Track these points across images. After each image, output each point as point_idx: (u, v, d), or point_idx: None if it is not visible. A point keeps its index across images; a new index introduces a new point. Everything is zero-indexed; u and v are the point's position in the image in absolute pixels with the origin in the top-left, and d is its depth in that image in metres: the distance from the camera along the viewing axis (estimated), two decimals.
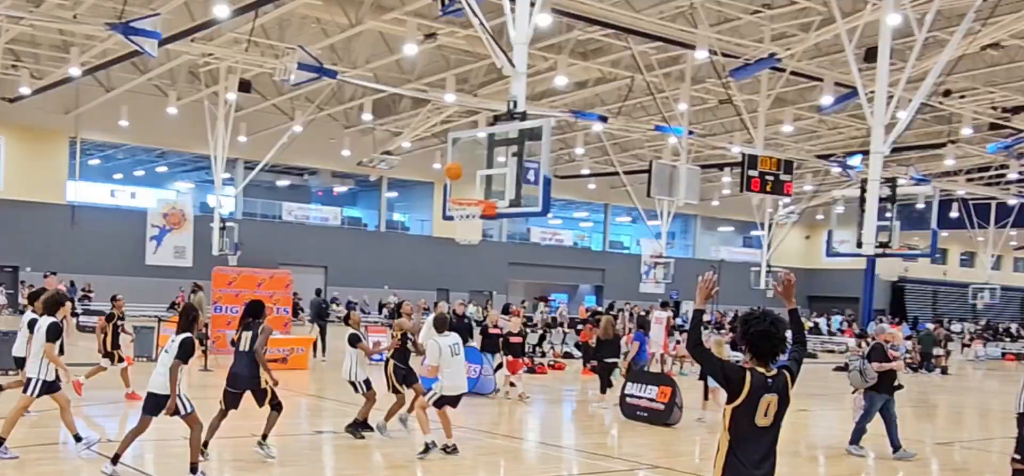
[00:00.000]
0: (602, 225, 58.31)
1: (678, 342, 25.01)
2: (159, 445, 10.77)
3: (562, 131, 41.18)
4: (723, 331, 25.22)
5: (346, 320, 13.49)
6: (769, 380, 5.18)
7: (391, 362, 12.54)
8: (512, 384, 17.55)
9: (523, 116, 11.61)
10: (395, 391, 12.48)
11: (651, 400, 14.95)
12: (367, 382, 12.59)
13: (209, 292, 25.20)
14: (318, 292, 26.59)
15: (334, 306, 44.37)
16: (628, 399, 15.41)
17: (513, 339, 17.59)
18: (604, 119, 30.20)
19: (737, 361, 5.51)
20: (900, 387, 13.32)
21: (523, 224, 53.45)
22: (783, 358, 5.34)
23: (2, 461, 9.69)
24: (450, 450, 11.19)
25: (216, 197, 32.37)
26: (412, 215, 51.96)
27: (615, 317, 29.26)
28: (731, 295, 50.99)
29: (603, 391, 16.85)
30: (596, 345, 17.75)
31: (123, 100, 36.27)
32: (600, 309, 35.99)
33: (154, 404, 9.08)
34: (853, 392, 13.33)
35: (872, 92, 16.89)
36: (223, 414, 10.55)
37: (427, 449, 10.96)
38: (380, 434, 12.16)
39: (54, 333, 10.01)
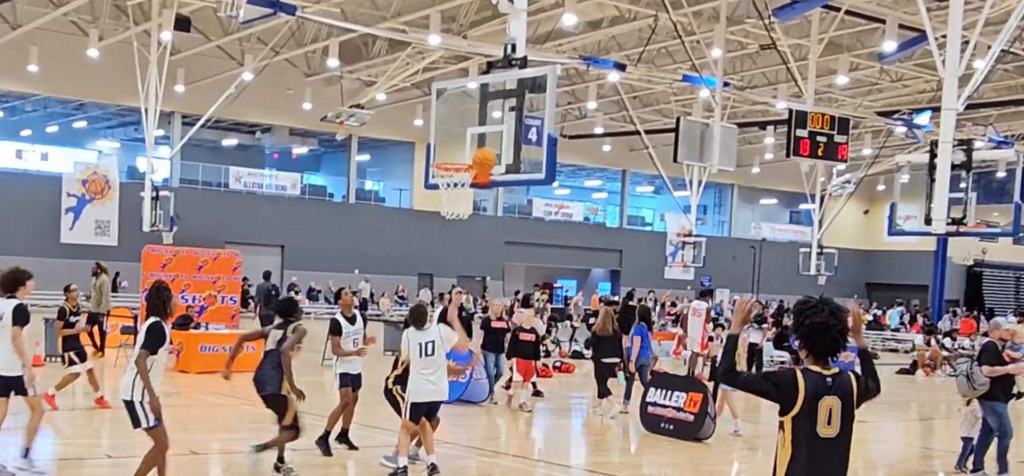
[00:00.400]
0: (619, 196, 58.30)
1: (711, 339, 25.02)
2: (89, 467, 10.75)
3: (571, 81, 41.09)
4: (765, 325, 25.25)
5: (337, 298, 13.38)
6: (828, 380, 5.29)
7: (395, 386, 11.91)
8: (521, 389, 17.49)
9: (523, 63, 11.53)
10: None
11: (678, 409, 14.95)
12: (346, 378, 12.24)
13: (137, 276, 25.15)
14: (267, 275, 26.59)
15: (293, 295, 44.41)
16: (650, 408, 15.42)
17: (524, 337, 17.42)
18: (622, 67, 30.09)
19: (782, 362, 5.62)
20: (1020, 395, 13.00)
21: (523, 195, 53.43)
22: (846, 361, 5.39)
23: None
24: (431, 471, 11.18)
25: (147, 160, 32.26)
26: (387, 183, 51.88)
27: (633, 308, 29.36)
28: (775, 281, 51.31)
29: (601, 396, 16.98)
30: (593, 342, 17.78)
31: (32, 39, 36.06)
32: (616, 298, 36.02)
33: (134, 415, 8.80)
34: (965, 403, 12.80)
35: (944, 36, 16.80)
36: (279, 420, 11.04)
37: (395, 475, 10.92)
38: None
39: (23, 317, 10.15)
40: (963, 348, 31.87)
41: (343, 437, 12.40)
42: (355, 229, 47.11)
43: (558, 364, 25.35)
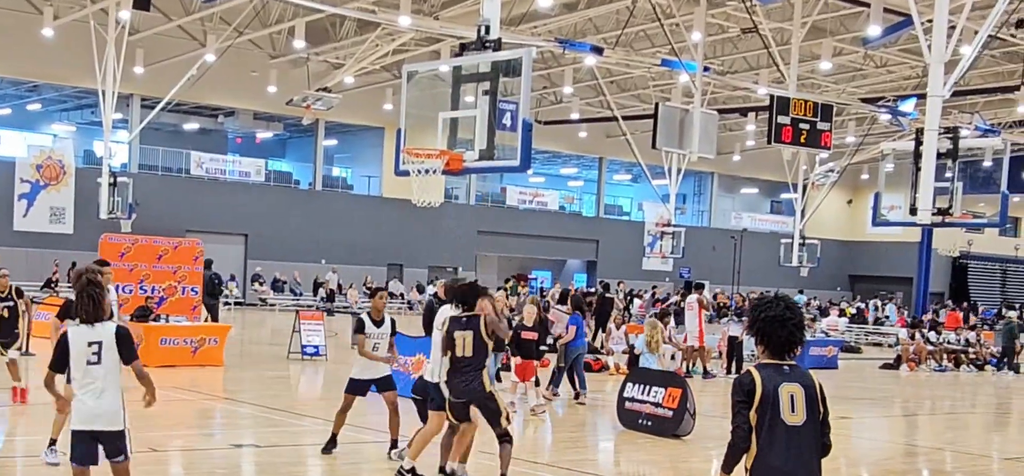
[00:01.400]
0: (595, 185, 58.37)
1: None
2: None
3: (546, 65, 41.05)
4: (745, 319, 25.32)
5: (371, 296, 12.29)
6: (785, 368, 5.47)
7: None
8: (537, 394, 17.43)
9: (497, 45, 11.50)
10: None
11: (656, 405, 14.98)
12: (354, 384, 11.62)
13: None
14: (208, 264, 26.30)
15: (257, 286, 44.28)
16: (627, 404, 15.45)
17: (526, 335, 17.31)
18: (599, 51, 30.08)
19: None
20: None
21: (496, 182, 53.36)
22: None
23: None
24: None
25: (105, 144, 32.03)
26: (356, 170, 51.71)
27: (610, 300, 29.46)
28: (756, 273, 51.51)
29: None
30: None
31: None
32: (592, 290, 36.08)
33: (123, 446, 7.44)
34: None
35: (930, 21, 16.89)
36: (453, 430, 10.16)
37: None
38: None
39: (61, 312, 10.70)
40: (949, 343, 32.12)
41: (397, 446, 11.61)
42: (322, 217, 46.93)
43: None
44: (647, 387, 15.23)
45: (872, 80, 38.93)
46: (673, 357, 24.86)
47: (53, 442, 10.44)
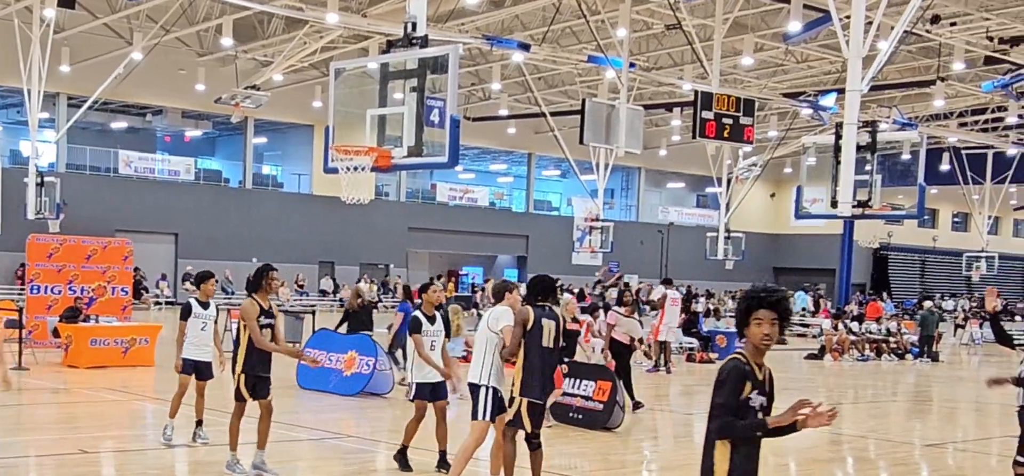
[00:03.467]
0: (525, 181, 58.48)
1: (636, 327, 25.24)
2: None
3: (474, 61, 41.02)
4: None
5: (422, 291, 11.47)
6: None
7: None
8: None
9: (424, 42, 11.45)
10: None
11: (586, 398, 15.04)
12: (422, 389, 11.23)
13: (23, 267, 24.47)
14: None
15: (188, 285, 43.68)
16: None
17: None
18: (526, 47, 30.14)
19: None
20: None
21: (426, 179, 53.24)
22: None
23: None
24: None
25: (31, 143, 31.41)
26: (286, 168, 51.28)
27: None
28: (683, 266, 51.93)
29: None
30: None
31: None
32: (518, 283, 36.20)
33: None
34: None
35: (848, 17, 17.17)
36: (528, 438, 9.80)
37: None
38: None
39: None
40: (870, 333, 32.66)
41: (442, 459, 11.48)
42: (253, 216, 46.49)
43: (464, 353, 25.26)
44: (578, 380, 15.29)
45: (793, 75, 39.45)
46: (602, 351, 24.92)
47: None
